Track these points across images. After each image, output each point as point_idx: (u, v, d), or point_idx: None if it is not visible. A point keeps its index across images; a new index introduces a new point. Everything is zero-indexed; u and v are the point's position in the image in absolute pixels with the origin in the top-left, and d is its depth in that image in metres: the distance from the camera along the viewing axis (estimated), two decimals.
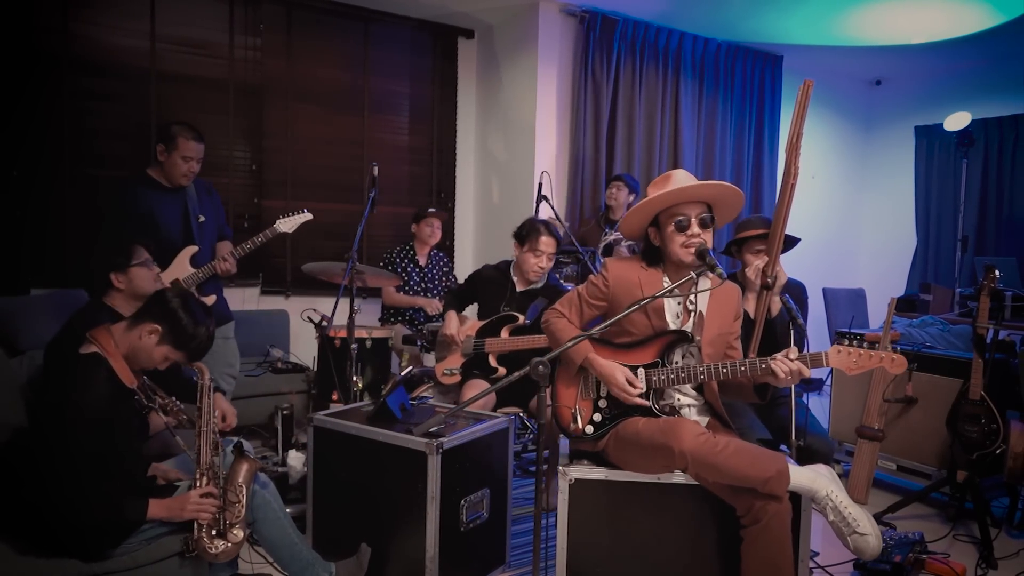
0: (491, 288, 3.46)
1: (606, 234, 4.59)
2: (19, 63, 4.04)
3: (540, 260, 3.32)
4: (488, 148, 5.65)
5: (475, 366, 3.34)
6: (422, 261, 4.54)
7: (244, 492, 2.13)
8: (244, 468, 2.14)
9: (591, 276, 2.39)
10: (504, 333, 3.29)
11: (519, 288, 3.42)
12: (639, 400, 2.16)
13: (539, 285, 3.43)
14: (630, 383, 2.15)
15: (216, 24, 4.67)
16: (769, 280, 2.65)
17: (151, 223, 3.20)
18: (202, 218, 3.33)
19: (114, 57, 4.35)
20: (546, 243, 3.31)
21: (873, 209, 7.20)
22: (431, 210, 4.52)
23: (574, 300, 2.35)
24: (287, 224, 3.41)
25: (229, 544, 2.08)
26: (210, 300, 3.30)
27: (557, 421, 2.29)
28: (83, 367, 2.02)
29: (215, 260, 3.29)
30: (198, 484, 2.09)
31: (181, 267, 3.26)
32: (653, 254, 2.32)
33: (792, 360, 2.03)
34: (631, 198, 4.75)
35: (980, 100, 6.07)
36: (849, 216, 7.16)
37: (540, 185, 4.28)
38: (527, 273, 3.36)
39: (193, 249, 3.27)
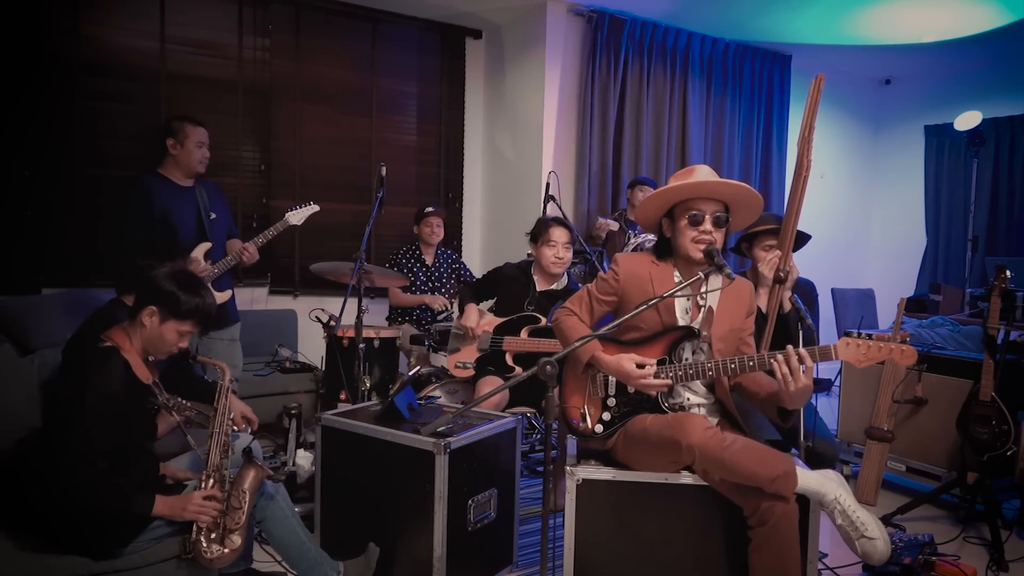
0: (512, 286, 3.46)
1: (630, 236, 4.59)
2: (30, 64, 4.07)
3: (556, 250, 3.34)
4: (496, 148, 5.66)
5: (490, 363, 3.33)
6: (428, 260, 4.55)
7: (247, 499, 2.12)
8: (251, 475, 2.14)
9: (600, 272, 2.38)
10: (524, 333, 3.29)
11: (539, 287, 3.42)
12: (658, 382, 2.11)
13: (560, 286, 3.42)
14: (640, 367, 2.11)
15: (225, 25, 4.69)
16: (782, 274, 2.64)
17: (166, 220, 3.24)
18: (213, 215, 3.38)
19: (124, 58, 4.37)
20: (558, 233, 3.34)
21: (883, 209, 7.16)
22: (428, 209, 4.53)
23: (584, 298, 2.34)
24: (297, 216, 3.52)
25: (226, 550, 2.07)
26: (225, 296, 3.36)
27: (566, 421, 2.29)
28: (100, 357, 2.04)
29: (236, 252, 3.35)
30: (203, 486, 2.10)
31: (195, 264, 3.29)
32: (665, 247, 2.31)
33: (792, 357, 1.97)
34: None
35: (990, 99, 6.03)
36: (858, 216, 7.12)
37: (548, 185, 4.28)
38: (547, 267, 3.38)
39: (207, 245, 3.32)
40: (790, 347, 2.01)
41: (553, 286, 3.43)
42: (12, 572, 1.95)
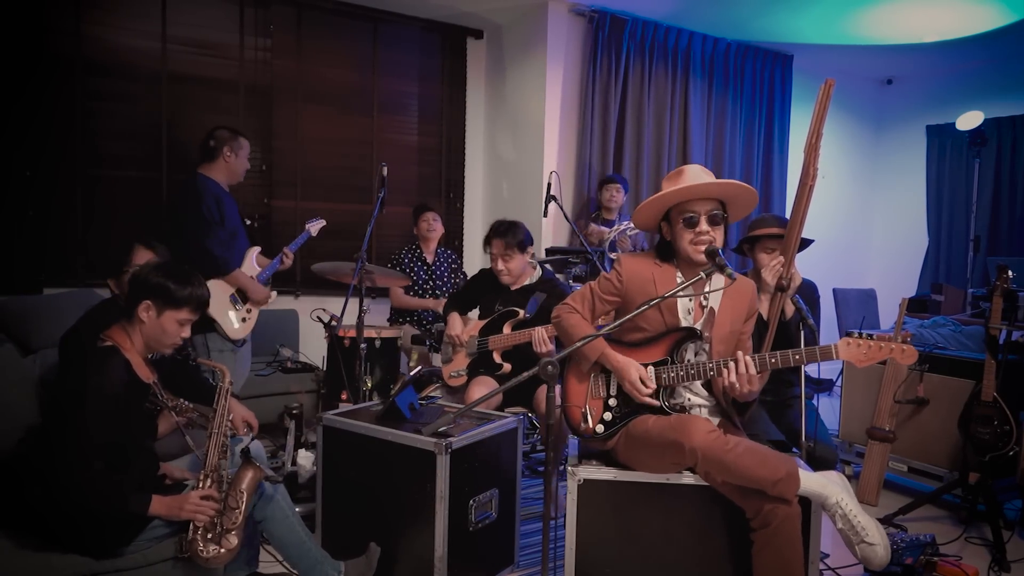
0: (488, 290, 3.46)
1: (606, 232, 4.60)
2: (31, 65, 4.07)
3: (497, 264, 3.31)
4: (497, 148, 5.65)
5: (480, 365, 3.34)
6: (429, 259, 4.56)
7: (244, 499, 2.11)
8: (249, 475, 2.13)
9: (603, 272, 2.38)
10: (506, 329, 3.29)
11: (514, 287, 3.41)
12: (649, 400, 2.15)
13: (533, 280, 3.41)
14: (643, 382, 2.14)
15: (226, 25, 4.69)
16: (784, 282, 2.63)
17: (232, 221, 3.39)
18: (248, 221, 3.47)
19: (125, 58, 4.38)
20: (494, 245, 3.30)
21: (884, 209, 7.15)
22: (425, 205, 4.59)
23: (587, 295, 2.35)
24: (314, 228, 3.78)
25: (222, 550, 2.06)
26: (273, 296, 3.58)
27: (568, 420, 2.29)
28: (101, 356, 2.04)
29: (279, 257, 3.60)
30: (200, 485, 2.09)
31: (250, 266, 3.48)
32: (666, 249, 2.31)
33: (741, 363, 2.05)
34: (625, 197, 4.81)
35: (992, 99, 6.02)
36: (860, 216, 7.12)
37: (549, 185, 4.28)
38: (500, 277, 3.35)
39: (257, 249, 3.49)
40: (743, 356, 2.06)
41: (526, 282, 3.40)
42: (14, 571, 1.95)
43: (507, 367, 3.27)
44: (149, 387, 2.16)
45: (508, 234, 3.29)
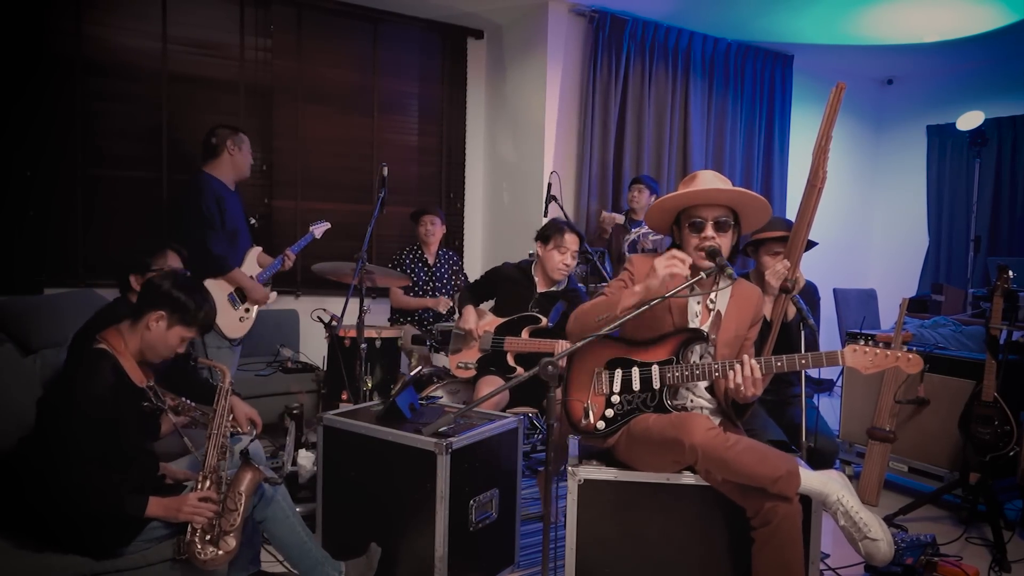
0: (512, 287, 3.46)
1: (630, 233, 4.61)
2: (32, 65, 4.07)
3: (565, 257, 3.35)
4: (497, 148, 5.65)
5: (491, 363, 3.34)
6: (430, 260, 4.55)
7: (243, 501, 2.11)
8: (248, 477, 2.13)
9: (609, 279, 2.39)
10: (525, 333, 3.29)
11: (540, 288, 3.42)
12: (682, 270, 2.03)
13: (560, 288, 3.43)
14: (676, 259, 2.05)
15: (227, 25, 4.69)
16: (789, 284, 2.63)
17: (233, 222, 3.40)
18: (253, 220, 3.49)
19: (126, 59, 4.38)
20: (571, 240, 3.35)
21: (885, 209, 7.15)
22: (425, 209, 4.58)
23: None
24: (319, 230, 3.80)
25: (220, 552, 2.06)
26: (274, 297, 3.59)
27: (568, 416, 2.28)
28: (91, 359, 2.05)
29: (280, 259, 3.62)
30: (199, 487, 2.09)
31: (251, 266, 3.48)
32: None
33: (747, 366, 2.05)
34: (652, 199, 4.78)
35: (993, 99, 6.02)
36: (860, 216, 7.12)
37: (549, 185, 4.28)
38: (552, 272, 3.38)
39: (258, 249, 3.47)
40: (748, 360, 2.06)
41: (553, 287, 3.43)
42: (13, 571, 1.95)
43: (520, 371, 3.27)
44: (143, 390, 2.15)
45: (581, 233, 3.38)
